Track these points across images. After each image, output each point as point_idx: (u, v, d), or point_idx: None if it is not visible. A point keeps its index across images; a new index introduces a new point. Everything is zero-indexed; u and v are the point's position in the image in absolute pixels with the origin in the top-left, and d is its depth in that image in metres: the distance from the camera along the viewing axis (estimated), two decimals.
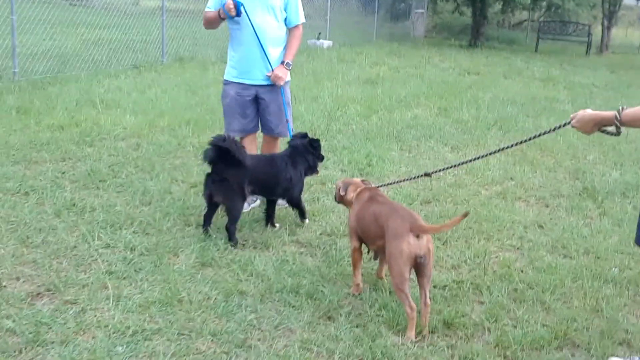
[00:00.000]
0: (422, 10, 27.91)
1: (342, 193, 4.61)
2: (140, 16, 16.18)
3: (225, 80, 5.73)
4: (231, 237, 4.99)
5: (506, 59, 20.45)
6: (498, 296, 4.36)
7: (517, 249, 5.28)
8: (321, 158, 5.62)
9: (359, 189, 4.55)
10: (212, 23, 5.63)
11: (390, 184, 5.74)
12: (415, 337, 3.76)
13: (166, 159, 7.07)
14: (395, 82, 13.50)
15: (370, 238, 4.14)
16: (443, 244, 5.23)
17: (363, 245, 4.33)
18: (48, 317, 3.83)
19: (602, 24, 26.87)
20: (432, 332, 3.90)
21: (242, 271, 4.57)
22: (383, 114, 10.19)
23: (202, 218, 5.28)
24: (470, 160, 4.70)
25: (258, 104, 5.75)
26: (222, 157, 4.89)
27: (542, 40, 25.65)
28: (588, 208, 6.31)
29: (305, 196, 5.72)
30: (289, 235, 5.27)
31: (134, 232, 5.12)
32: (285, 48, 5.70)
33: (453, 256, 5.03)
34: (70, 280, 4.29)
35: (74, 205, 5.56)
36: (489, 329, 3.97)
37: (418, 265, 3.76)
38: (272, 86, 5.66)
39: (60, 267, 4.48)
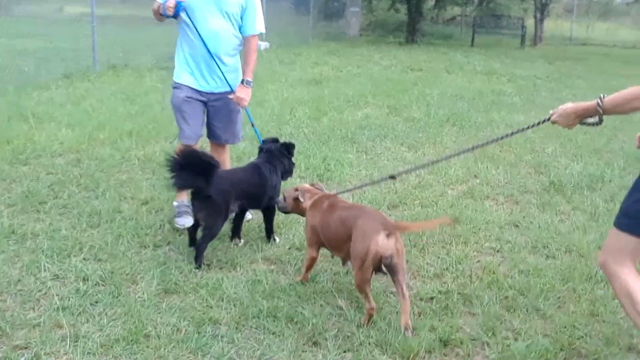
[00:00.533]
0: (357, 9, 27.76)
1: (302, 200, 4.33)
2: (66, 23, 15.40)
3: (176, 83, 5.26)
4: (199, 256, 4.57)
5: (445, 54, 20.43)
6: (490, 306, 4.08)
7: (497, 251, 5.02)
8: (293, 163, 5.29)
9: (314, 197, 4.30)
10: (155, 15, 5.17)
11: (353, 189, 5.42)
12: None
13: (111, 175, 6.56)
14: (340, 82, 13.21)
15: (338, 244, 3.98)
16: (420, 251, 4.93)
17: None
18: None
19: (535, 17, 27.26)
20: (429, 351, 3.57)
21: (210, 296, 4.15)
22: (333, 115, 9.87)
23: (157, 238, 4.86)
24: (440, 160, 4.53)
25: (208, 110, 5.37)
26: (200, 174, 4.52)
27: (477, 35, 25.82)
28: (559, 203, 6.13)
29: None
30: (255, 252, 4.87)
31: (84, 259, 4.64)
32: (242, 60, 5.31)
33: (433, 264, 4.73)
34: (17, 320, 3.79)
35: (13, 232, 5.02)
36: (487, 344, 3.68)
37: (387, 266, 3.66)
38: (224, 94, 5.28)
39: (4, 306, 3.98)
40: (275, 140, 5.30)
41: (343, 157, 7.47)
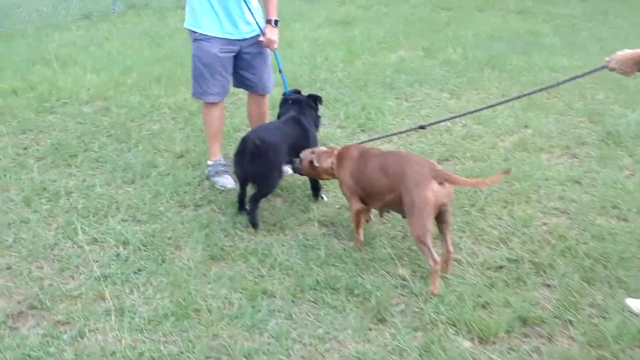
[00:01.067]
0: None
1: (316, 164, 4.12)
2: None
3: (200, 34, 4.77)
4: (254, 218, 4.31)
5: None
6: (567, 277, 3.74)
7: (563, 212, 4.66)
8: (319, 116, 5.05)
9: (337, 150, 4.13)
10: None
11: (379, 138, 5.25)
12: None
13: (142, 125, 6.22)
14: (369, 22, 12.59)
15: (377, 194, 3.82)
16: (479, 211, 4.58)
17: None
18: (38, 347, 3.06)
19: None
20: (508, 332, 3.26)
21: (261, 264, 3.86)
22: (366, 58, 9.36)
23: (197, 197, 4.54)
24: (479, 110, 4.41)
25: (240, 59, 4.93)
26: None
27: None
28: (620, 157, 5.72)
29: None
30: (304, 212, 4.55)
31: (122, 220, 4.35)
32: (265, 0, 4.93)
33: (496, 227, 4.39)
34: (57, 291, 3.53)
35: (44, 189, 4.74)
36: (571, 322, 3.34)
37: (440, 213, 3.59)
38: (256, 38, 4.87)
39: (42, 274, 3.70)
40: (298, 92, 5.00)
41: (383, 105, 7.05)
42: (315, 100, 4.98)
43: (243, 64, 4.96)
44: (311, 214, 4.51)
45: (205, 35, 4.77)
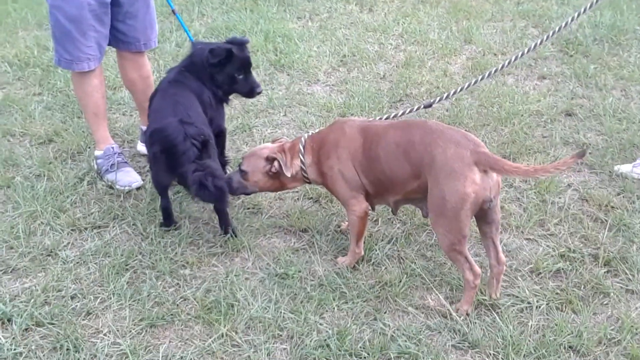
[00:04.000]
0: None
1: (288, 172, 2.86)
2: None
3: None
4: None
5: None
6: None
7: (581, 163, 3.66)
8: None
9: (299, 140, 2.92)
10: None
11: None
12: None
13: None
14: None
15: (394, 186, 2.72)
16: None
17: None
18: None
19: None
20: None
21: (228, 322, 2.53)
22: None
23: (97, 212, 3.12)
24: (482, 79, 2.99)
25: (114, 5, 3.39)
26: None
27: None
28: (597, 73, 4.81)
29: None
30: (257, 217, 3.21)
31: None
32: None
33: (518, 201, 3.35)
34: None
35: None
36: None
37: (482, 212, 2.53)
38: None
39: None
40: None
41: (286, 29, 5.66)
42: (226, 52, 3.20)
43: (119, 11, 3.42)
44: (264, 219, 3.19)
45: None
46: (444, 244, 2.56)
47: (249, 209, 3.31)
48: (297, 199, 3.38)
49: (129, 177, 3.48)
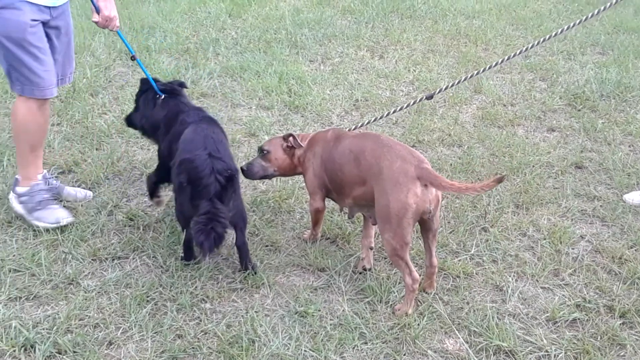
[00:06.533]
0: None
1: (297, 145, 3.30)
2: None
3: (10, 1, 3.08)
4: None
5: None
6: None
7: (594, 216, 3.79)
8: None
9: (310, 136, 3.32)
10: None
11: (378, 119, 4.05)
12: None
13: None
14: None
15: (346, 186, 3.04)
16: (495, 226, 3.55)
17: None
18: None
19: None
20: None
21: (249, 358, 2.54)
22: (255, 9, 7.91)
23: (116, 243, 3.11)
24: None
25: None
26: None
27: None
28: (606, 128, 4.89)
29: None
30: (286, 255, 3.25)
31: (8, 299, 2.83)
32: None
33: (531, 249, 3.41)
34: None
35: None
36: None
37: (422, 221, 2.86)
38: (67, 4, 3.39)
39: None
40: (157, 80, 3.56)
41: (299, 71, 5.77)
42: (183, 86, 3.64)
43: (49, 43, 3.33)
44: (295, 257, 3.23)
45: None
46: (388, 249, 2.83)
47: (267, 246, 3.34)
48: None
49: (58, 213, 3.38)
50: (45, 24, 3.23)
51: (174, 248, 3.25)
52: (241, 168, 3.29)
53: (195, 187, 2.87)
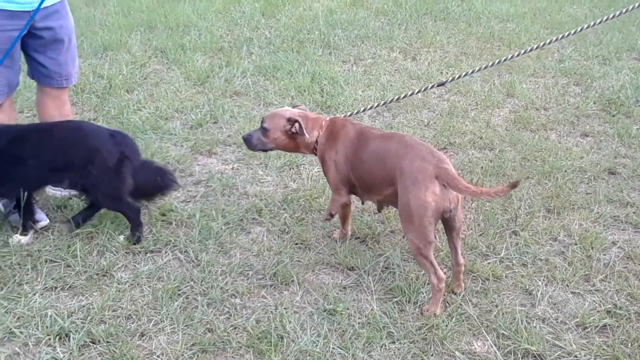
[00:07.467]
0: None
1: (305, 133, 3.18)
2: None
3: None
4: None
5: None
6: None
7: (627, 222, 3.75)
8: None
9: (324, 121, 3.24)
10: None
11: (388, 103, 4.23)
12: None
13: None
14: None
15: (375, 187, 3.07)
16: (526, 229, 3.54)
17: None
18: None
19: None
20: None
21: (276, 355, 2.57)
22: (289, 9, 7.97)
23: (152, 240, 3.16)
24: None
25: (32, 37, 3.36)
26: None
27: None
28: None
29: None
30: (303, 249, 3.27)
31: (44, 289, 2.90)
32: None
33: (563, 254, 3.39)
34: None
35: None
36: None
37: (445, 220, 2.89)
38: (57, 7, 3.39)
39: None
40: None
41: (332, 72, 5.79)
42: None
43: (37, 44, 3.39)
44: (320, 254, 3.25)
45: None
46: (412, 248, 2.85)
47: (297, 244, 3.37)
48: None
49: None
50: (32, 26, 3.25)
51: (205, 243, 3.29)
52: (243, 137, 3.35)
53: None
